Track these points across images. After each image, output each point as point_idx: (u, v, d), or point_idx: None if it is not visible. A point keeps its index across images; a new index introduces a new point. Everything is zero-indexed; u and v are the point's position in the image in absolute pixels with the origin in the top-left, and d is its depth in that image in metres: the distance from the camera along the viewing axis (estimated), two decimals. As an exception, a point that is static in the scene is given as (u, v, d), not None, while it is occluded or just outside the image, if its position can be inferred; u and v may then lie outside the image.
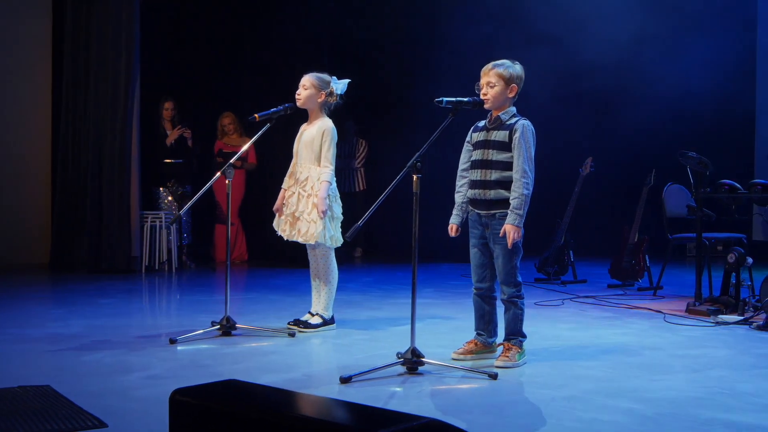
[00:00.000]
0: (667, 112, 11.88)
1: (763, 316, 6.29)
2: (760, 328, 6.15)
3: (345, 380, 4.38)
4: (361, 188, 11.81)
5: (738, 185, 7.18)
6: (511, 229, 4.76)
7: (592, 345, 5.56)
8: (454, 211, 5.13)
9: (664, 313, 6.87)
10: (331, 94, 5.91)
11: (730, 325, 6.32)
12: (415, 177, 4.64)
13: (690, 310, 6.89)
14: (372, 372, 4.52)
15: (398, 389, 4.31)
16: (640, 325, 6.41)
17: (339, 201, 5.97)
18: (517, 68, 4.97)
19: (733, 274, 6.85)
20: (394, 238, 11.48)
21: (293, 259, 10.05)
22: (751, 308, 6.59)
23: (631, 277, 8.67)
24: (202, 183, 10.51)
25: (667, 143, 11.44)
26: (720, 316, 6.54)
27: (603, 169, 10.18)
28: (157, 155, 10.07)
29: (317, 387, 4.38)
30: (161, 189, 10.06)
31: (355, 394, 4.18)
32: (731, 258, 6.81)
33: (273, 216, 6.16)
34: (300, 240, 5.90)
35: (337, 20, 11.04)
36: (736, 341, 5.74)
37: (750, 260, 6.86)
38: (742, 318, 6.41)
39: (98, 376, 4.52)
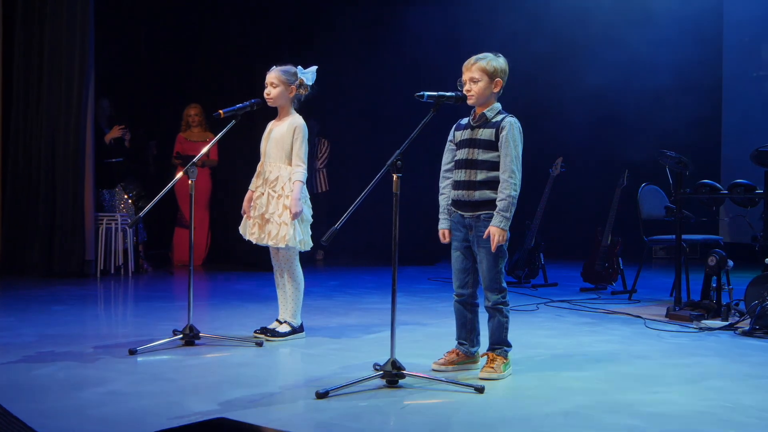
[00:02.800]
0: (636, 112, 11.74)
1: (748, 321, 6.07)
2: (745, 333, 5.94)
3: (322, 395, 4.06)
4: (324, 189, 11.46)
5: (719, 186, 6.98)
6: (496, 232, 4.48)
7: (577, 354, 5.30)
8: (442, 216, 4.82)
9: (644, 319, 6.64)
10: (301, 85, 5.58)
11: (715, 331, 6.10)
12: (395, 176, 4.34)
13: (671, 315, 6.66)
14: (350, 386, 4.21)
15: (379, 405, 4.00)
16: (621, 331, 6.16)
17: (309, 203, 5.65)
18: (500, 61, 4.68)
19: (714, 277, 6.64)
20: (356, 240, 11.17)
21: (253, 263, 9.73)
22: (736, 314, 6.38)
23: (604, 280, 8.45)
24: (158, 183, 10.32)
25: (638, 143, 11.32)
26: (703, 321, 6.31)
27: (574, 169, 9.97)
28: (97, 155, 9.46)
29: (292, 402, 4.06)
30: (115, 190, 9.64)
31: (334, 411, 3.86)
32: (712, 261, 6.60)
33: (230, 218, 5.82)
34: (270, 243, 5.56)
35: (296, 9, 10.75)
36: (726, 349, 5.51)
37: (731, 263, 6.65)
38: (727, 324, 6.19)
39: (52, 392, 4.15)
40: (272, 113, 5.78)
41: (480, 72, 4.59)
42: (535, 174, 9.49)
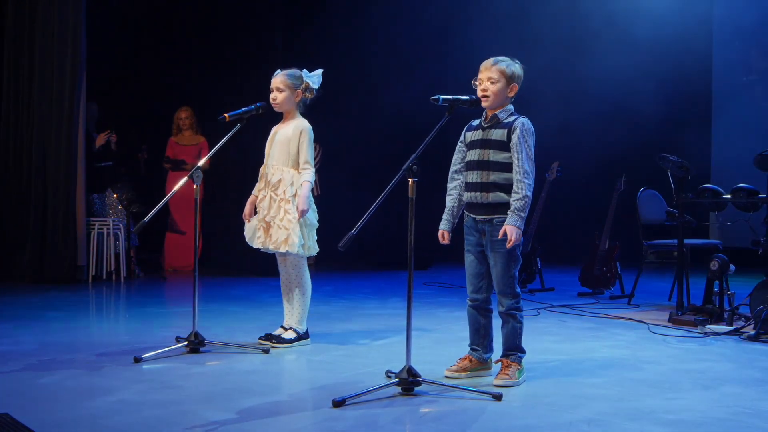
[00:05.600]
0: (630, 117, 11.74)
1: (753, 326, 6.05)
2: (751, 338, 5.91)
3: (338, 403, 3.99)
4: (316, 193, 11.37)
5: (721, 190, 6.96)
6: (512, 230, 4.43)
7: (587, 359, 5.25)
8: (445, 216, 4.77)
9: (648, 324, 6.60)
10: (306, 89, 5.52)
11: (720, 336, 6.07)
12: (411, 181, 4.27)
13: (674, 320, 6.63)
14: (365, 394, 4.14)
15: (396, 413, 3.93)
16: (627, 336, 6.13)
17: (314, 207, 5.58)
18: (517, 66, 4.66)
19: (716, 282, 6.62)
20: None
21: (245, 268, 9.64)
22: (741, 318, 6.36)
23: (602, 285, 8.42)
24: (150, 187, 10.23)
25: (633, 148, 11.31)
26: (707, 326, 6.29)
27: (570, 174, 9.94)
28: (87, 159, 9.32)
29: (308, 411, 4.00)
30: (105, 194, 9.52)
31: (352, 419, 3.79)
32: (714, 266, 6.57)
33: (219, 222, 5.74)
34: (271, 248, 5.49)
35: (286, 13, 10.69)
36: (734, 354, 5.48)
37: (733, 268, 6.62)
38: (732, 328, 6.16)
39: (61, 402, 4.06)
40: (271, 117, 5.71)
41: (499, 73, 4.55)
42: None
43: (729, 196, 6.91)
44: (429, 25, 10.94)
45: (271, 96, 5.51)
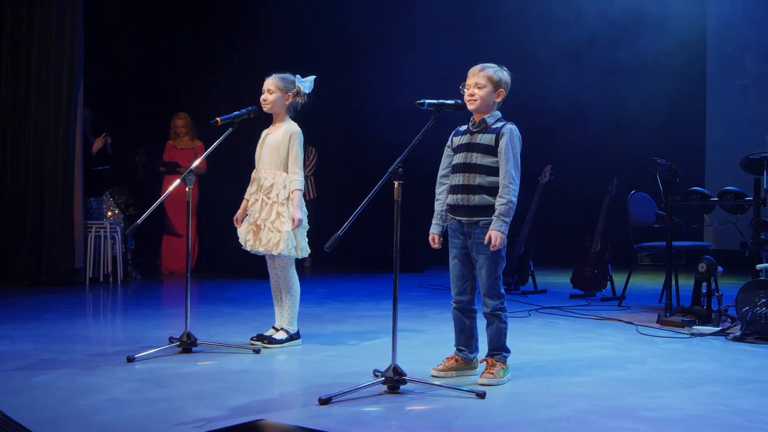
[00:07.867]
0: (623, 121, 11.82)
1: (739, 327, 6.13)
2: (737, 339, 5.99)
3: (324, 401, 4.07)
4: (312, 196, 11.46)
5: (709, 193, 7.04)
6: (497, 236, 4.51)
7: (573, 359, 5.33)
8: (434, 221, 4.85)
9: (636, 325, 6.69)
10: (298, 94, 5.61)
11: (706, 337, 6.15)
12: (396, 183, 4.35)
13: (662, 321, 6.71)
14: (351, 392, 4.22)
15: (381, 411, 4.02)
16: (614, 337, 6.21)
17: (305, 209, 5.65)
18: (505, 74, 4.75)
19: (704, 283, 6.70)
20: (342, 247, 11.16)
21: (241, 271, 9.71)
22: (728, 320, 6.44)
23: (594, 287, 8.50)
24: (147, 191, 10.31)
25: (626, 151, 11.40)
26: (695, 327, 6.37)
27: (563, 177, 10.02)
28: (84, 163, 9.37)
29: (295, 409, 4.08)
30: (102, 197, 9.60)
31: (338, 416, 3.88)
32: (702, 267, 6.65)
33: (215, 225, 5.81)
34: (261, 250, 5.57)
35: (282, 18, 10.77)
36: (718, 354, 5.56)
37: (720, 270, 6.70)
38: (719, 329, 6.24)
39: (55, 400, 4.14)
40: (264, 121, 5.80)
41: (486, 79, 4.64)
42: (524, 181, 9.52)
43: (716, 199, 6.99)
44: (424, 31, 11.02)
45: (262, 97, 5.60)
